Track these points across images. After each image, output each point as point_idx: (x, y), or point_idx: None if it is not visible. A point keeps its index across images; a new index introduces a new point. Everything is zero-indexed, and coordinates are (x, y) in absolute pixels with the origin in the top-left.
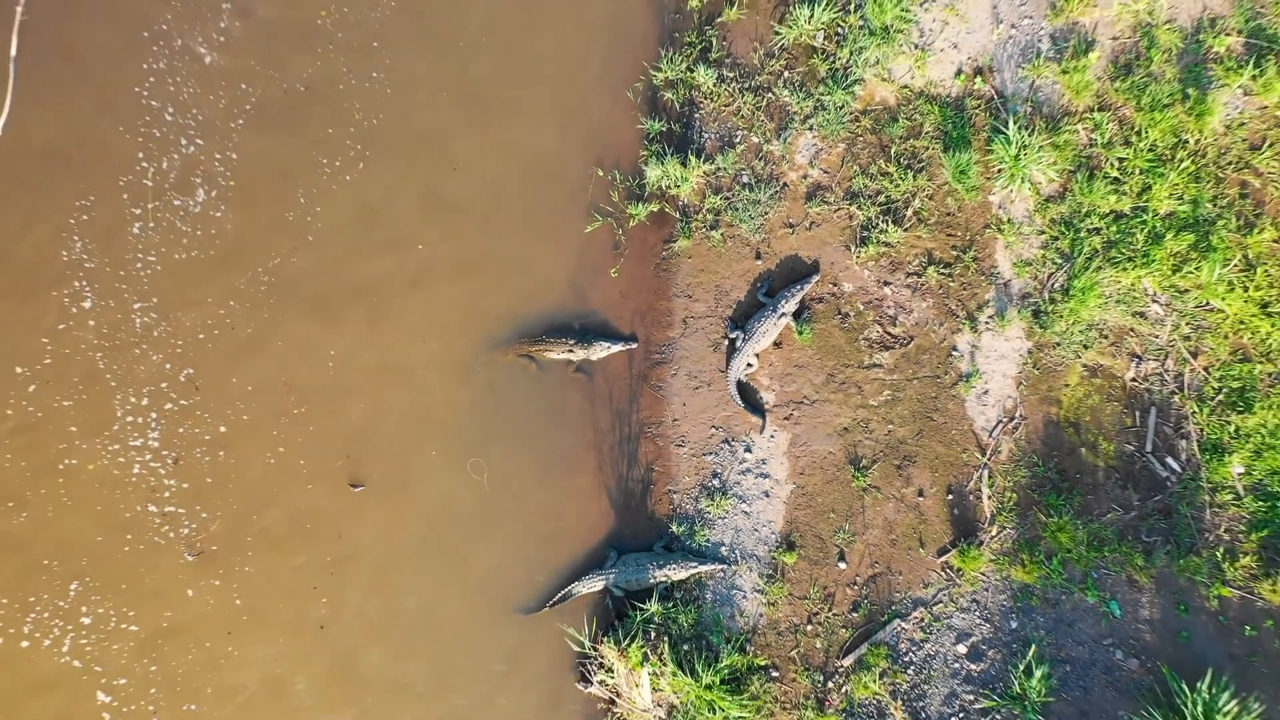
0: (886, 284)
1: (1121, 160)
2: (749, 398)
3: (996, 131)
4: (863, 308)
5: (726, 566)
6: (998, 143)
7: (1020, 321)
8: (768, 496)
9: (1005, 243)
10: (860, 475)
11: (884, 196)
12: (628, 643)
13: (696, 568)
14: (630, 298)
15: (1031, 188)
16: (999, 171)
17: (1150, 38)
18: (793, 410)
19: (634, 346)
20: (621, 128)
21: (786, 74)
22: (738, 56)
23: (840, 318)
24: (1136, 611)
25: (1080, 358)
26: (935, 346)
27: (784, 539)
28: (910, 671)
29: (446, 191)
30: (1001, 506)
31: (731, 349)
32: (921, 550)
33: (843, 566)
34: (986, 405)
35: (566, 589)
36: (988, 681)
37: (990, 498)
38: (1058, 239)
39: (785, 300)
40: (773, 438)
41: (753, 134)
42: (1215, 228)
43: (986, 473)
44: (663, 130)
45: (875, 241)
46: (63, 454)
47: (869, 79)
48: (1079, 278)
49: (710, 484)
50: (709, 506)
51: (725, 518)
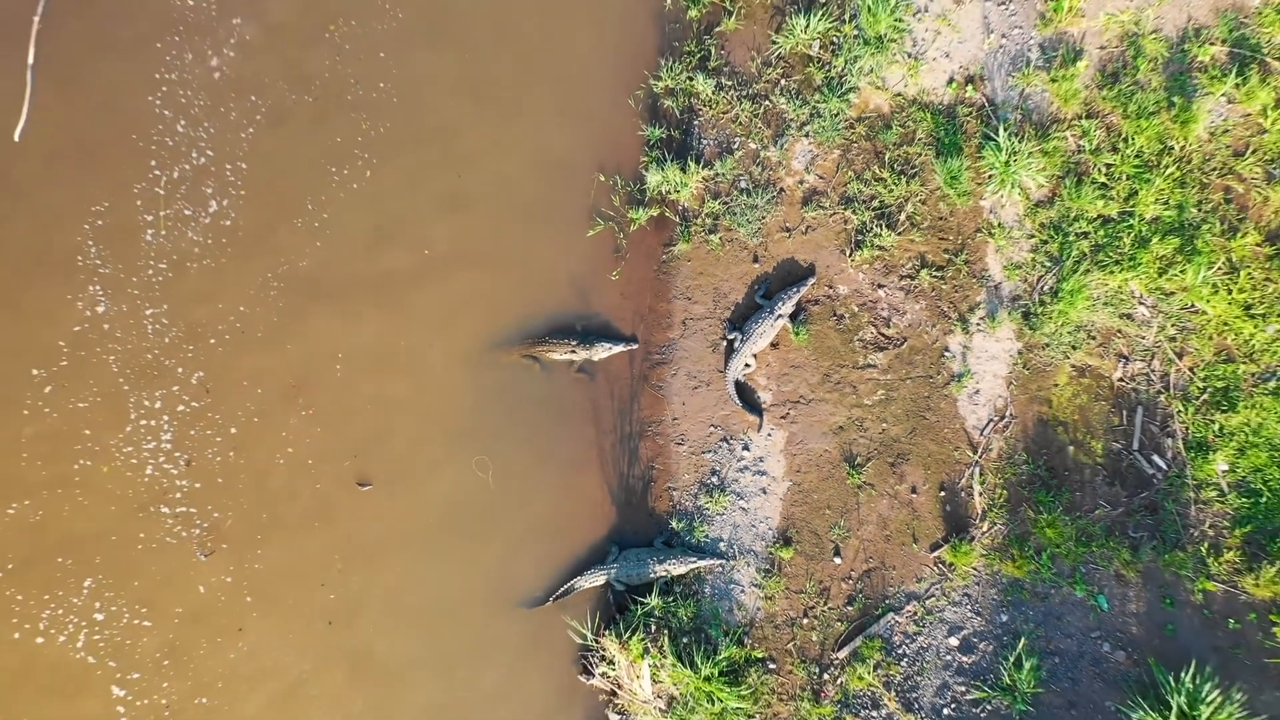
0: (880, 286)
1: (1109, 166)
2: (747, 397)
3: (987, 138)
4: (857, 309)
5: (725, 562)
6: (989, 149)
7: (1010, 323)
8: (765, 493)
9: (996, 246)
10: (855, 473)
11: (878, 201)
12: (629, 635)
13: (696, 563)
14: (631, 300)
15: (1021, 193)
16: (990, 177)
17: (1137, 47)
18: (789, 409)
19: (635, 347)
20: (623, 134)
21: (783, 82)
22: (736, 65)
23: (835, 319)
24: (1124, 605)
25: (1069, 358)
26: (928, 347)
27: (781, 535)
28: (904, 663)
29: (451, 197)
30: (992, 503)
31: (730, 350)
32: (915, 546)
33: (838, 561)
34: (978, 404)
35: (569, 583)
36: (979, 673)
37: (981, 494)
38: (1047, 243)
39: (782, 302)
40: (770, 436)
41: (750, 140)
42: (1200, 232)
43: (978, 470)
44: (663, 137)
45: (869, 245)
46: (77, 454)
47: (863, 87)
48: (1068, 280)
49: (709, 481)
50: (708, 503)
51: (724, 514)
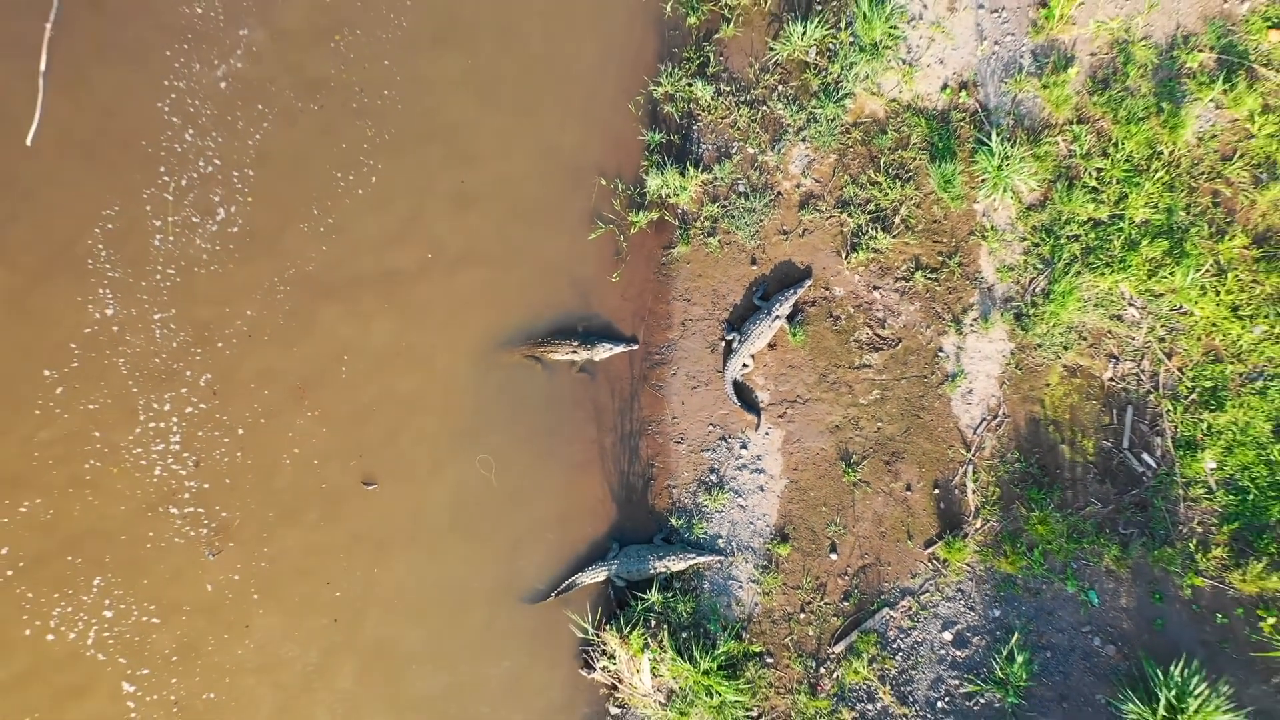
0: (876, 288)
1: (1099, 170)
2: (745, 397)
3: (980, 143)
4: (853, 311)
5: (723, 558)
6: (981, 154)
7: (1003, 324)
8: (763, 491)
9: (989, 249)
10: (851, 471)
11: (873, 205)
12: (629, 630)
13: (695, 559)
14: (631, 301)
15: (1014, 196)
16: (983, 181)
17: (1127, 54)
18: (787, 409)
19: (635, 348)
20: (623, 139)
21: (780, 88)
22: (734, 71)
23: (832, 320)
24: (1114, 600)
25: (1060, 358)
26: (922, 348)
27: (778, 531)
28: (898, 658)
29: (454, 201)
30: (985, 500)
31: (728, 350)
32: (909, 542)
33: (834, 558)
34: (971, 404)
35: (571, 579)
36: (972, 667)
37: (975, 492)
38: (1039, 245)
39: (779, 304)
40: (767, 435)
41: (748, 145)
42: (1188, 235)
43: (971, 468)
44: (663, 141)
45: (865, 248)
46: (87, 455)
47: (859, 93)
48: (1059, 282)
49: (708, 479)
50: (706, 501)
51: (722, 511)
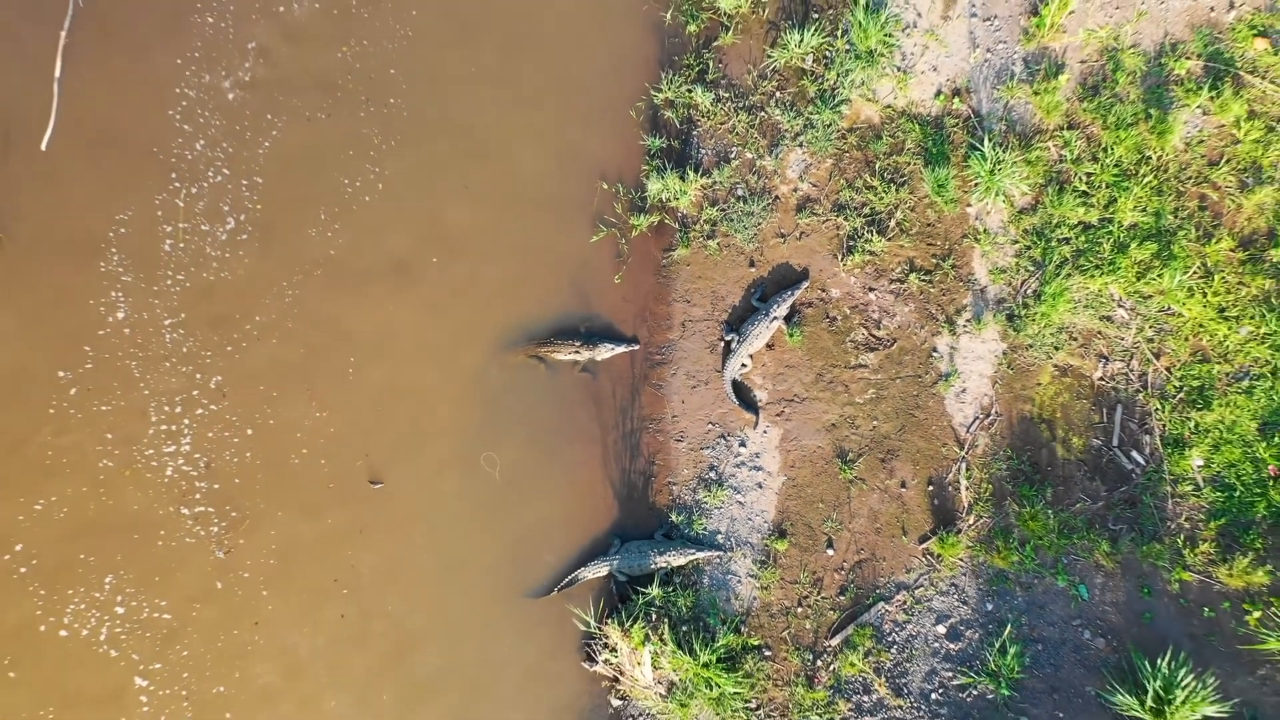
0: (871, 290)
1: (1089, 175)
2: (743, 396)
3: (973, 148)
4: (849, 312)
5: (722, 553)
6: (974, 159)
7: (996, 325)
8: (761, 488)
9: (982, 251)
10: (847, 468)
11: (869, 208)
12: (630, 624)
13: (694, 554)
14: (632, 302)
15: (1006, 200)
16: (975, 185)
17: (1116, 61)
18: (784, 407)
19: (636, 348)
20: (624, 144)
21: (778, 94)
22: (733, 78)
23: (828, 321)
24: (1103, 594)
25: (1051, 358)
26: (917, 348)
27: (776, 527)
28: (893, 650)
29: (460, 206)
30: (978, 497)
31: (727, 350)
32: (904, 538)
33: (831, 553)
34: (964, 403)
35: (573, 574)
36: (965, 659)
37: (968, 489)
38: (1030, 248)
39: (777, 305)
40: (765, 433)
41: (747, 150)
42: (1176, 238)
43: (964, 465)
44: (663, 146)
45: (861, 250)
46: (100, 455)
47: (855, 99)
48: (1050, 284)
49: (707, 476)
50: (706, 497)
51: (721, 508)
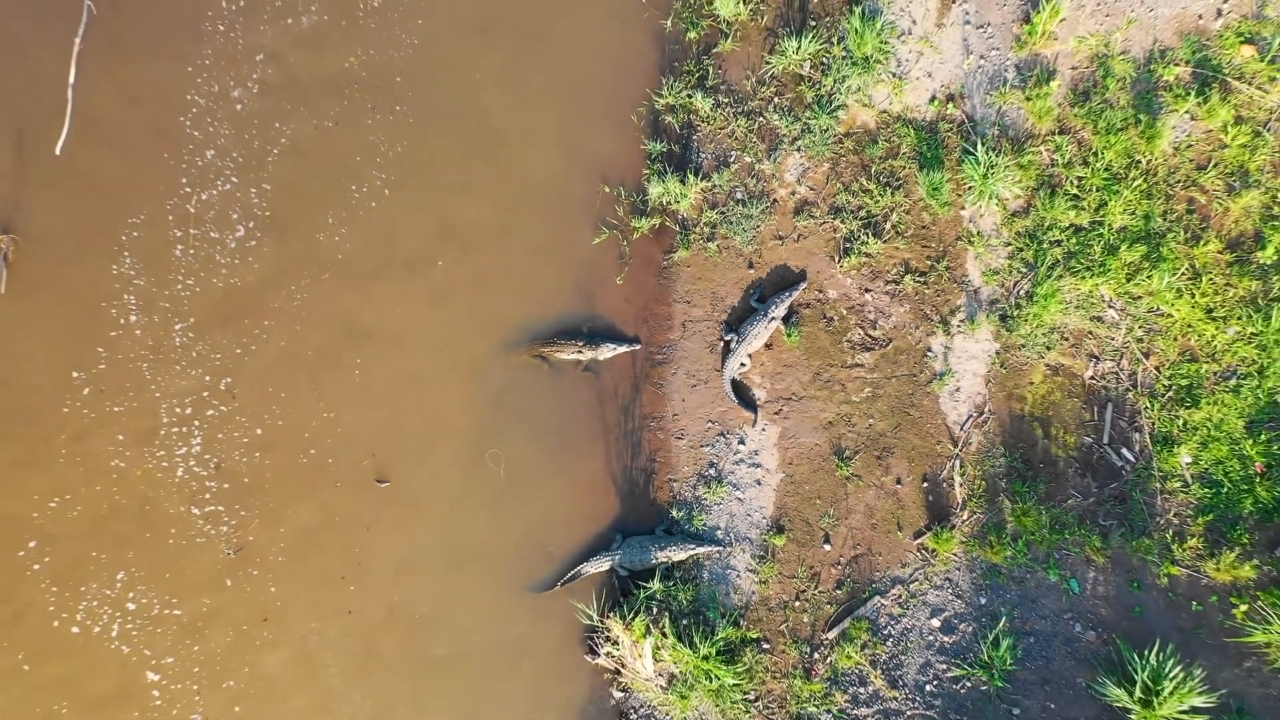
0: (867, 291)
1: (1080, 179)
2: (742, 394)
3: (967, 153)
4: (846, 312)
5: (722, 548)
6: (968, 163)
7: (989, 325)
8: (759, 484)
9: (975, 253)
10: (843, 465)
11: (865, 211)
12: (632, 618)
13: (695, 549)
14: (634, 303)
15: (999, 203)
16: (969, 189)
17: (1106, 68)
18: (782, 406)
19: (637, 348)
20: (626, 149)
21: (776, 100)
22: (732, 84)
23: (825, 321)
24: (1094, 588)
25: (1043, 358)
26: (912, 348)
27: (774, 523)
28: (889, 643)
29: (465, 210)
30: (972, 493)
31: (726, 350)
32: (899, 533)
33: (828, 548)
34: (958, 401)
35: (576, 569)
36: (959, 652)
37: (962, 485)
38: (1023, 250)
39: (775, 305)
40: (764, 431)
41: (746, 154)
42: (1165, 240)
43: (958, 462)
44: (663, 151)
45: (857, 252)
46: (111, 455)
47: (851, 104)
48: (1042, 285)
49: (707, 473)
50: (706, 494)
51: (721, 504)
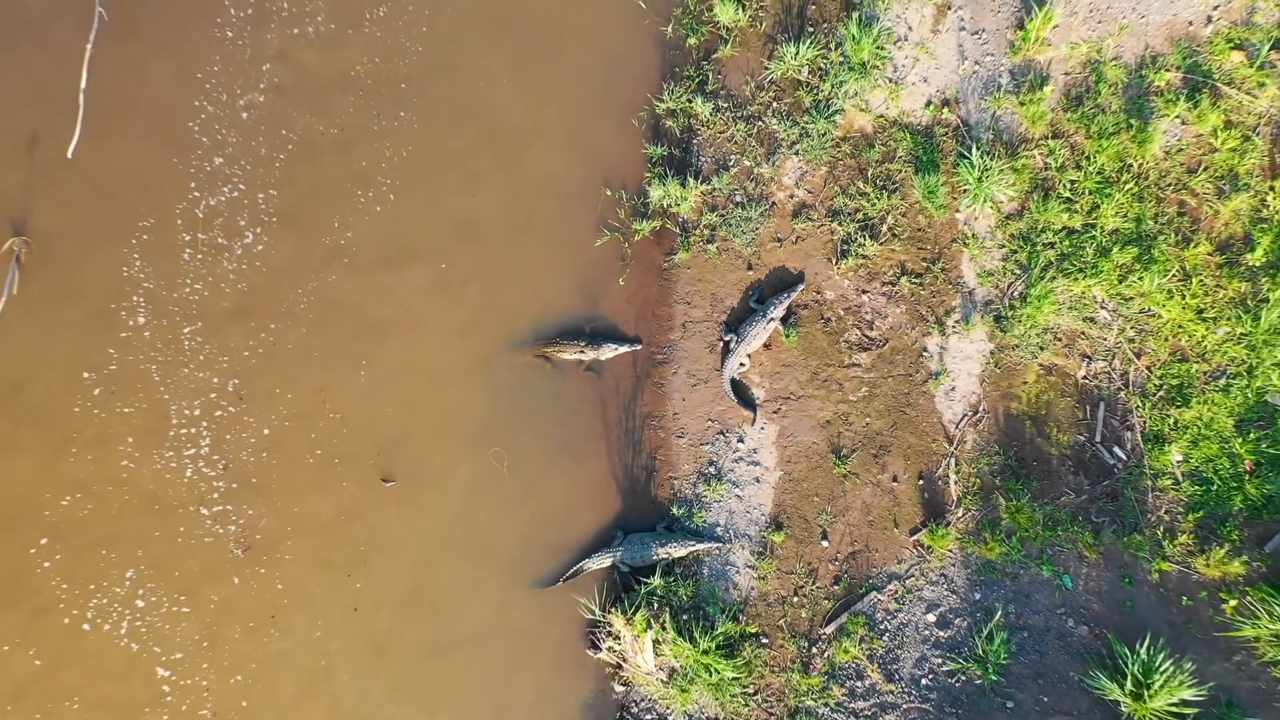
0: (864, 292)
1: (1073, 182)
2: (742, 394)
3: (962, 156)
4: (843, 313)
5: (721, 545)
6: (963, 166)
7: (983, 326)
8: (758, 482)
9: (970, 255)
10: (841, 463)
11: (862, 214)
12: (633, 613)
13: (695, 546)
14: (635, 304)
15: (993, 206)
16: (964, 192)
17: (1098, 73)
18: (781, 405)
19: (638, 348)
20: (627, 152)
21: (775, 104)
22: (731, 89)
23: (823, 322)
24: (1086, 584)
25: (1037, 358)
26: (908, 348)
27: (773, 520)
28: (885, 638)
29: (469, 213)
30: (967, 491)
31: (726, 350)
32: (896, 530)
33: (825, 545)
34: (953, 400)
35: (578, 565)
36: (954, 646)
37: (957, 483)
38: (1016, 252)
39: (774, 306)
40: (763, 429)
41: (745, 158)
42: (1156, 242)
43: (953, 460)
44: (664, 154)
45: (854, 254)
46: (122, 455)
47: (848, 109)
48: (1035, 287)
49: (707, 471)
50: (706, 491)
51: (720, 501)
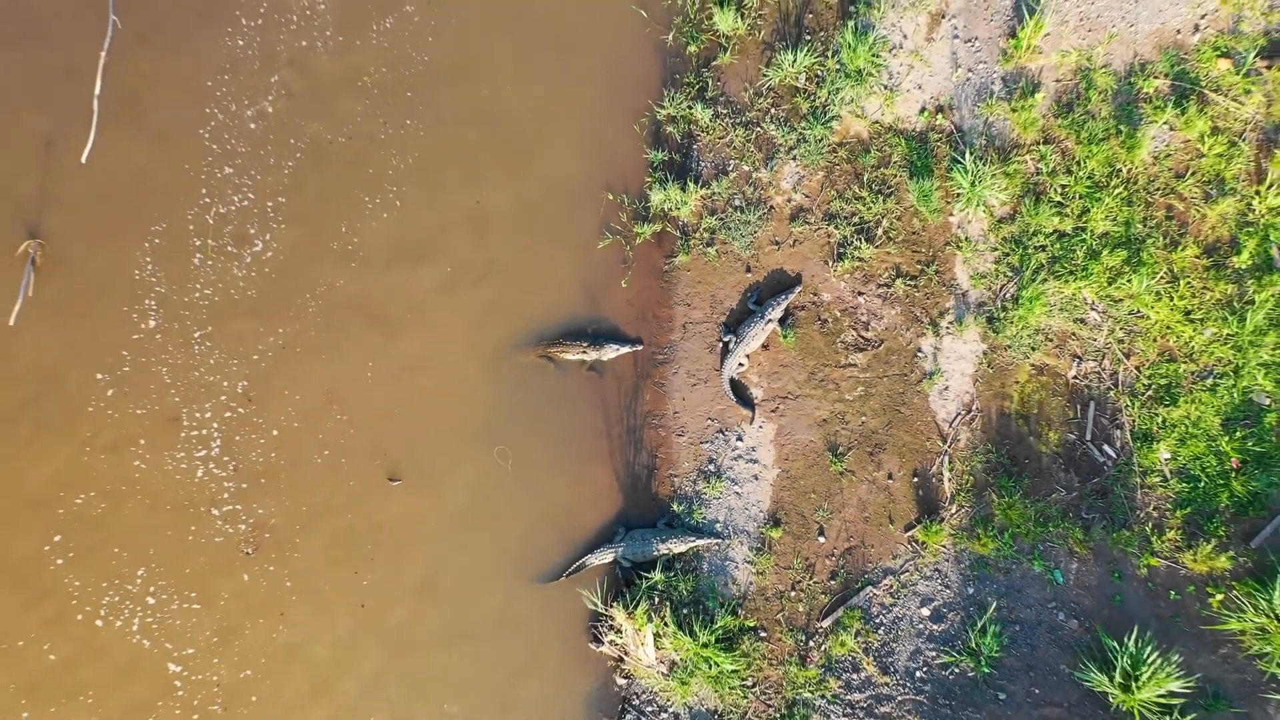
0: (860, 294)
1: (1064, 187)
2: (741, 393)
3: (955, 161)
4: (839, 315)
5: (721, 541)
6: (956, 171)
7: (976, 327)
8: (757, 479)
9: (963, 258)
10: (837, 461)
11: (858, 218)
12: (634, 607)
13: (695, 542)
14: (636, 306)
15: (986, 210)
16: (958, 196)
17: (1089, 80)
18: (779, 404)
19: (640, 348)
20: (629, 157)
21: (773, 111)
22: (731, 95)
23: (820, 323)
24: (1077, 578)
25: (1029, 358)
26: (903, 348)
27: (771, 516)
28: (881, 631)
29: (473, 217)
30: (960, 488)
31: (725, 350)
32: (891, 526)
33: (822, 540)
34: (947, 399)
35: (580, 561)
36: (948, 640)
37: (950, 480)
38: (1009, 255)
39: (772, 308)
40: (761, 428)
41: (744, 163)
42: (1145, 245)
43: (947, 458)
44: (665, 159)
45: (850, 257)
46: (134, 455)
47: (845, 115)
48: (1027, 289)
49: (706, 468)
50: (705, 488)
51: (719, 498)
